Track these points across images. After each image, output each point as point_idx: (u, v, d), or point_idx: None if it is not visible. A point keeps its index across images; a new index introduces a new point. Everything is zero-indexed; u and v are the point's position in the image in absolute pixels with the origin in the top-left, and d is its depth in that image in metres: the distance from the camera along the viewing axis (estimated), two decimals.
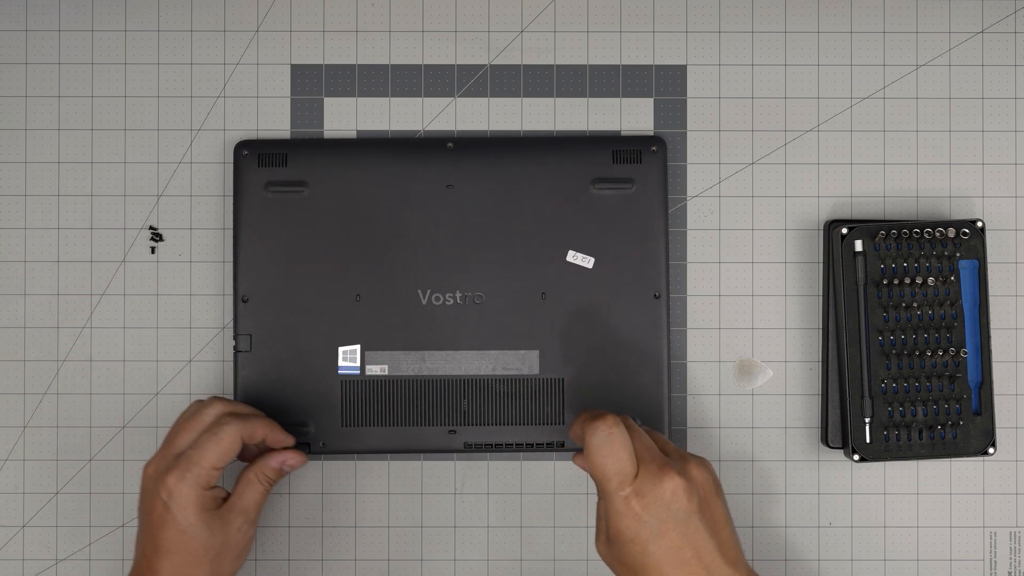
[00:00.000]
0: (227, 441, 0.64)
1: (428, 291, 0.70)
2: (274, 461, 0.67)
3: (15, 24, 0.73)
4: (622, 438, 0.60)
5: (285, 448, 0.68)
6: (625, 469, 0.60)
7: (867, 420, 0.69)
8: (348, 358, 0.70)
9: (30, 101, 0.73)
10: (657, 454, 0.61)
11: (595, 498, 0.72)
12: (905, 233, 0.69)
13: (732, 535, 0.62)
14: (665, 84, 0.73)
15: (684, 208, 0.73)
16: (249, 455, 0.68)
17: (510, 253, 0.71)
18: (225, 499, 0.65)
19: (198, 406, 0.66)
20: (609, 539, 0.61)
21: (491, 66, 0.73)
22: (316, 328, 0.70)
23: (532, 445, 0.70)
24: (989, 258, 0.72)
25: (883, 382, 0.69)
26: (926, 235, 0.69)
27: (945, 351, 0.69)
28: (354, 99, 0.73)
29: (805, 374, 0.73)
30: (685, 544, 0.59)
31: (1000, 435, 0.72)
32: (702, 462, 0.62)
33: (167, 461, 0.64)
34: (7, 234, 0.73)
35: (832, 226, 0.70)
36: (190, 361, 0.73)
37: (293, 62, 0.74)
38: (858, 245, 0.69)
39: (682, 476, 0.60)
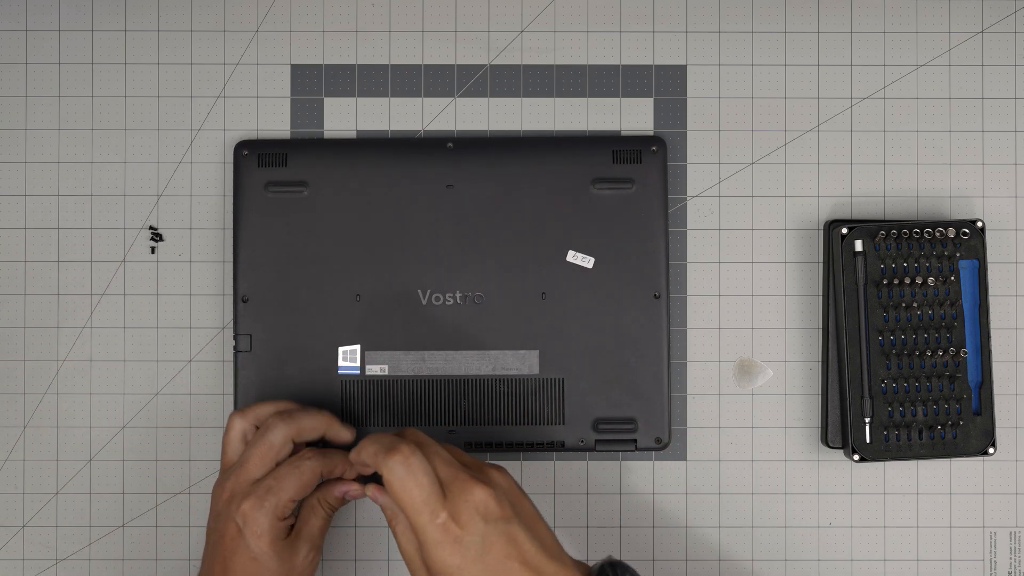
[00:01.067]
0: (308, 477, 0.64)
1: (428, 291, 0.70)
2: (337, 491, 0.66)
3: (15, 24, 0.73)
4: (421, 465, 0.58)
5: (350, 479, 0.67)
6: (432, 496, 0.58)
7: (867, 420, 0.69)
8: (348, 358, 0.70)
9: (30, 101, 0.73)
10: (457, 468, 0.59)
11: (595, 498, 0.72)
12: (905, 233, 0.69)
13: (548, 531, 0.61)
14: (665, 84, 0.73)
15: (684, 208, 0.73)
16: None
17: (510, 253, 0.71)
18: (292, 527, 0.65)
19: (253, 423, 0.66)
20: (433, 573, 0.59)
21: (491, 66, 0.74)
22: (316, 328, 0.70)
23: (532, 445, 0.70)
24: (989, 258, 0.72)
25: (883, 382, 0.69)
26: (926, 235, 0.69)
27: (945, 351, 0.69)
28: (354, 99, 0.73)
29: (805, 374, 0.73)
30: (512, 551, 0.58)
31: (1000, 435, 0.72)
32: (500, 468, 0.61)
33: (243, 487, 0.63)
34: (7, 234, 0.73)
35: (832, 226, 0.70)
36: (190, 361, 0.73)
37: (293, 62, 0.74)
38: (858, 245, 0.69)
39: (488, 484, 0.59)
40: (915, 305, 0.69)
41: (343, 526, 0.72)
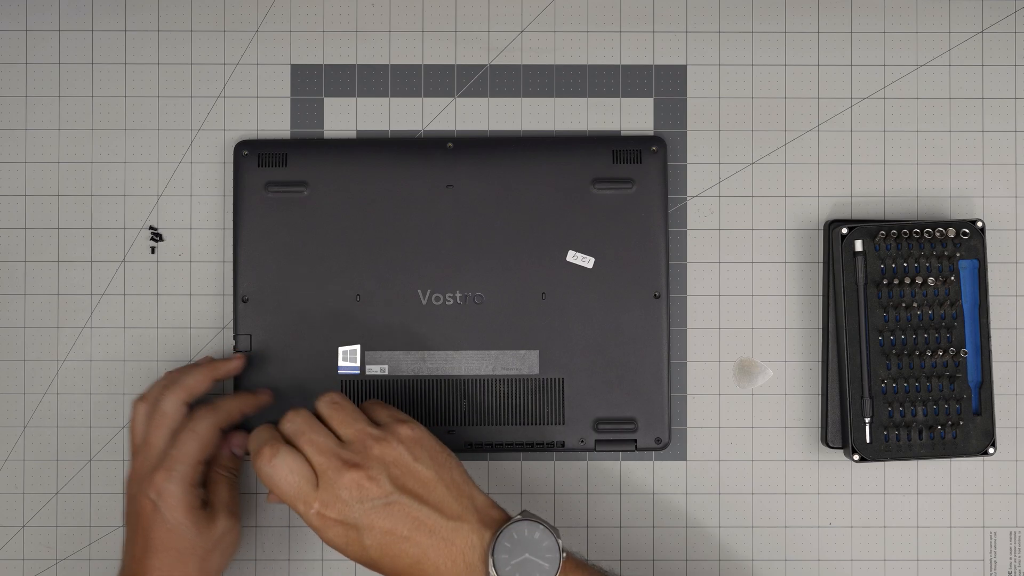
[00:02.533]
0: (206, 434, 0.65)
1: (428, 291, 0.70)
2: (224, 452, 0.68)
3: (15, 24, 0.73)
4: (284, 465, 0.59)
5: (230, 432, 0.68)
6: (302, 489, 0.59)
7: (867, 420, 0.69)
8: (348, 358, 0.70)
9: (30, 101, 0.73)
10: (331, 453, 0.60)
11: (595, 498, 0.72)
12: (905, 233, 0.69)
13: (448, 489, 0.60)
14: (665, 84, 0.73)
15: (684, 208, 0.73)
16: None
17: (510, 253, 0.71)
18: (206, 501, 0.66)
19: (150, 403, 0.66)
20: (339, 552, 0.61)
21: (491, 66, 0.74)
22: (316, 328, 0.70)
23: (532, 445, 0.70)
24: (989, 258, 0.72)
25: (883, 382, 0.69)
26: (926, 235, 0.69)
27: (945, 351, 0.69)
28: (354, 99, 0.73)
29: (805, 374, 0.73)
30: (398, 523, 0.59)
31: (1000, 435, 0.72)
32: (394, 433, 0.61)
33: (150, 463, 0.64)
34: (7, 234, 0.73)
35: (832, 226, 0.70)
36: (190, 361, 0.73)
37: (293, 62, 0.74)
38: (858, 245, 0.69)
39: (359, 467, 0.59)
40: (915, 305, 0.69)
41: None
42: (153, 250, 0.73)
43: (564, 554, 0.60)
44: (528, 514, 0.61)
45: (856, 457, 0.69)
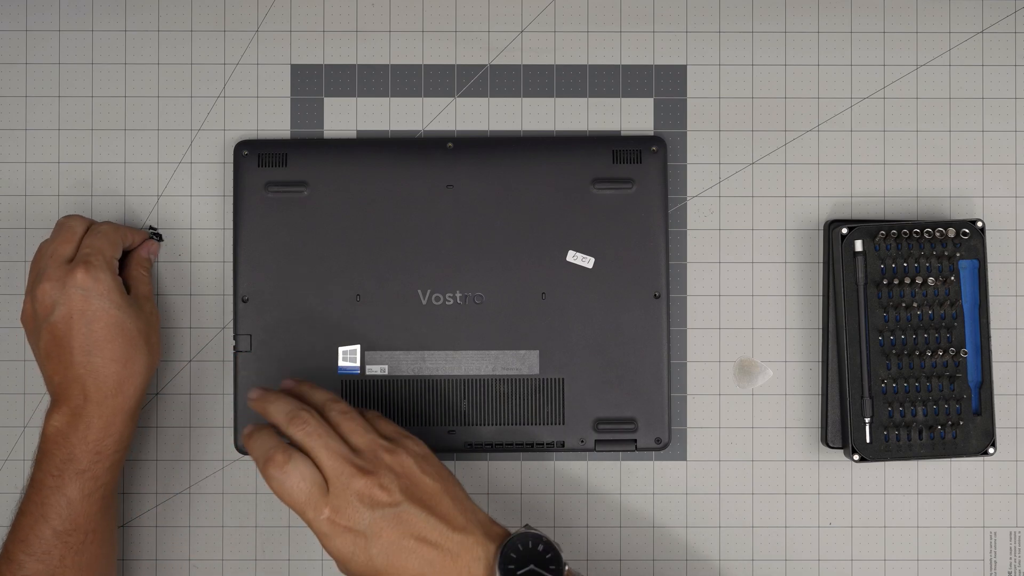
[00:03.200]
0: (113, 234, 0.68)
1: (428, 291, 0.70)
2: (143, 251, 0.71)
3: (15, 24, 0.73)
4: (296, 471, 0.59)
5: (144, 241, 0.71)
6: (313, 495, 0.59)
7: (867, 420, 0.69)
8: (348, 358, 0.70)
9: (30, 101, 0.73)
10: (342, 457, 0.60)
11: (595, 498, 0.72)
12: (905, 233, 0.69)
13: (454, 502, 0.61)
14: (665, 84, 0.73)
15: (684, 208, 0.73)
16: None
17: (510, 253, 0.71)
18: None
19: (56, 231, 0.68)
20: (339, 564, 0.60)
21: (491, 66, 0.74)
22: (316, 328, 0.70)
23: (532, 445, 0.70)
24: (989, 258, 0.72)
25: (883, 382, 0.69)
26: (926, 235, 0.69)
27: (945, 351, 0.69)
28: (354, 99, 0.73)
29: (805, 374, 0.73)
30: (404, 534, 0.59)
31: (1000, 435, 0.72)
32: (402, 445, 0.61)
33: (59, 271, 0.65)
34: (7, 234, 0.73)
35: (832, 226, 0.70)
36: (190, 361, 0.73)
37: (293, 62, 0.74)
38: (858, 245, 0.69)
39: (371, 473, 0.59)
40: (915, 305, 0.69)
41: None
42: (155, 237, 0.73)
43: (567, 567, 0.60)
44: (531, 528, 0.61)
45: (856, 457, 0.69)
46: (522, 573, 0.59)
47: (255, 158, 0.71)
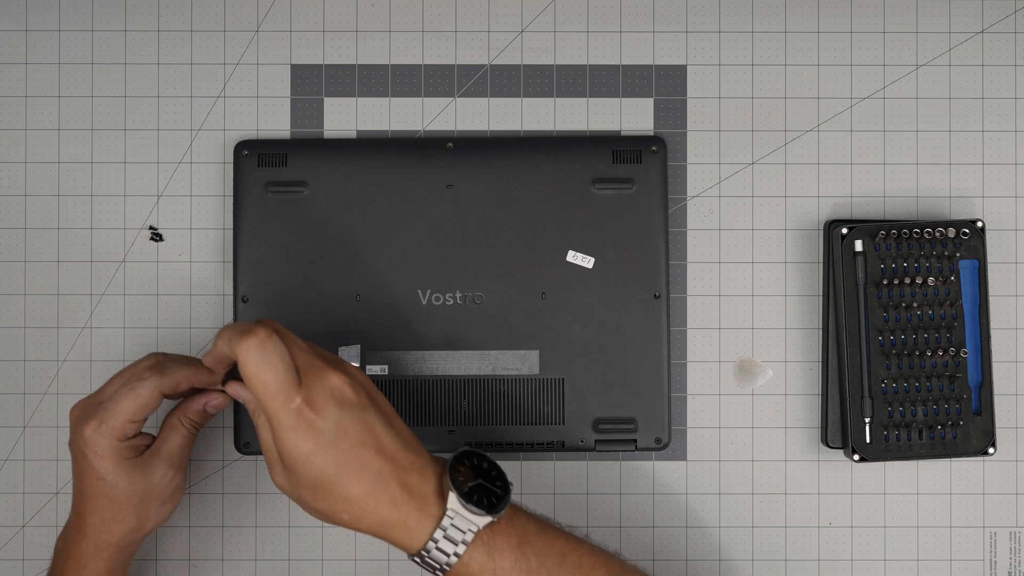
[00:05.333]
0: (144, 396, 0.62)
1: (428, 291, 0.70)
2: (197, 404, 0.65)
3: (15, 24, 0.73)
4: (276, 349, 0.56)
5: (210, 389, 0.65)
6: (288, 380, 0.56)
7: (867, 420, 0.69)
8: (348, 358, 0.70)
9: (30, 101, 0.73)
10: (314, 355, 0.58)
11: (595, 498, 0.72)
12: (905, 233, 0.69)
13: (406, 427, 0.60)
14: (665, 84, 0.73)
15: (684, 208, 0.73)
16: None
17: (510, 253, 0.71)
18: (149, 445, 0.65)
19: (131, 374, 0.63)
20: (286, 466, 0.58)
21: (491, 66, 0.74)
22: (316, 328, 0.70)
23: (532, 445, 0.70)
24: (989, 258, 0.72)
25: (883, 382, 0.69)
26: (926, 235, 0.69)
27: (945, 351, 0.69)
28: (354, 99, 0.73)
29: (805, 374, 0.73)
30: (367, 438, 0.57)
31: (1000, 435, 0.72)
32: (356, 368, 0.61)
33: (89, 409, 0.63)
34: (7, 234, 0.73)
35: (832, 226, 0.70)
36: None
37: (293, 62, 0.74)
38: (858, 245, 0.69)
39: (344, 372, 0.58)
40: (915, 305, 0.69)
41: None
42: (155, 237, 0.73)
43: (512, 485, 0.60)
44: (472, 447, 0.61)
45: (856, 457, 0.69)
46: (473, 485, 0.59)
47: (255, 158, 0.71)
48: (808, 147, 0.73)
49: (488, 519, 0.58)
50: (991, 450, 0.70)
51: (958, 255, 0.69)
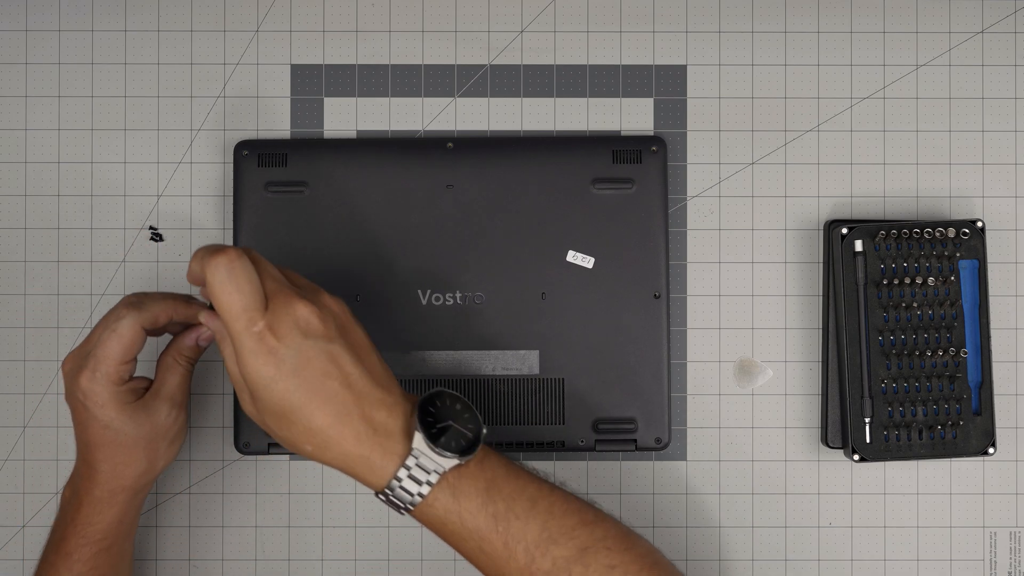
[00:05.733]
0: (127, 335, 0.61)
1: (428, 291, 0.70)
2: (188, 339, 0.64)
3: (15, 24, 0.73)
4: (245, 271, 0.56)
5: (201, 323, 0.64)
6: (253, 303, 0.55)
7: (867, 420, 0.69)
8: None
9: (30, 101, 0.73)
10: (285, 284, 0.57)
11: (595, 498, 0.72)
12: (905, 233, 0.69)
13: (379, 362, 0.59)
14: (665, 84, 0.73)
15: (684, 208, 0.73)
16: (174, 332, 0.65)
17: (510, 253, 0.71)
18: (148, 388, 0.64)
19: (110, 310, 0.63)
20: (251, 392, 0.57)
21: (491, 66, 0.74)
22: None
23: (532, 445, 0.70)
24: (989, 258, 0.72)
25: (883, 382, 0.69)
26: (926, 235, 0.69)
27: (945, 351, 0.69)
28: (354, 99, 0.73)
29: (805, 374, 0.73)
30: (331, 369, 0.56)
31: (1000, 435, 0.72)
32: (334, 296, 0.60)
33: (80, 360, 0.62)
34: (7, 234, 0.73)
35: (832, 226, 0.70)
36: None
37: (293, 62, 0.74)
38: (858, 245, 0.69)
39: (313, 303, 0.57)
40: (915, 305, 0.69)
41: (342, 526, 0.72)
42: (155, 237, 0.73)
43: (485, 430, 0.59)
44: (446, 389, 0.60)
45: (856, 457, 0.69)
46: (441, 427, 0.58)
47: (255, 158, 0.71)
48: (808, 147, 0.73)
49: (454, 462, 0.57)
50: (991, 450, 0.70)
51: (958, 255, 0.69)
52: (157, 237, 0.73)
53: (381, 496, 0.58)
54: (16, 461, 0.73)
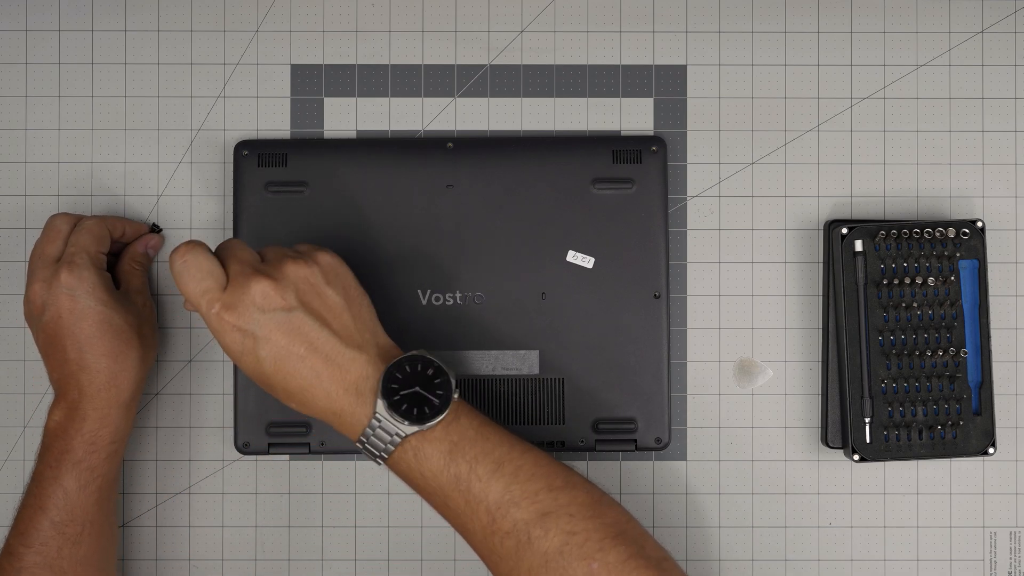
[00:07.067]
0: (98, 230, 0.68)
1: (428, 291, 0.70)
2: (139, 247, 0.71)
3: (15, 24, 0.73)
4: (197, 260, 0.59)
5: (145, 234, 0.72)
6: (209, 287, 0.59)
7: (867, 420, 0.69)
8: None
9: (30, 101, 0.73)
10: (248, 263, 0.60)
11: None
12: (905, 233, 0.69)
13: (355, 320, 0.61)
14: (665, 84, 0.73)
15: (684, 208, 0.73)
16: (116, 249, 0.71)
17: (510, 253, 0.71)
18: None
19: (44, 231, 0.68)
20: (237, 365, 0.62)
21: (491, 66, 0.74)
22: None
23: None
24: (989, 258, 0.72)
25: (883, 382, 0.69)
26: (926, 235, 0.69)
27: (945, 351, 0.69)
28: (354, 99, 0.73)
29: (805, 374, 0.73)
30: (295, 340, 0.59)
31: (1000, 435, 0.72)
32: (313, 258, 0.62)
33: (47, 272, 0.66)
34: (7, 234, 0.73)
35: (832, 226, 0.71)
36: (190, 361, 0.73)
37: (293, 62, 0.74)
38: (858, 245, 0.69)
39: (270, 277, 0.59)
40: (915, 305, 0.69)
41: (342, 526, 0.72)
42: (155, 230, 0.73)
43: (456, 395, 0.61)
44: (424, 352, 0.61)
45: (856, 457, 0.69)
46: (406, 394, 0.59)
47: (255, 158, 0.71)
48: (808, 147, 0.73)
49: (414, 429, 0.59)
50: (991, 450, 0.70)
51: (958, 255, 0.69)
52: (156, 230, 0.73)
53: (358, 444, 0.60)
54: (16, 461, 0.73)
